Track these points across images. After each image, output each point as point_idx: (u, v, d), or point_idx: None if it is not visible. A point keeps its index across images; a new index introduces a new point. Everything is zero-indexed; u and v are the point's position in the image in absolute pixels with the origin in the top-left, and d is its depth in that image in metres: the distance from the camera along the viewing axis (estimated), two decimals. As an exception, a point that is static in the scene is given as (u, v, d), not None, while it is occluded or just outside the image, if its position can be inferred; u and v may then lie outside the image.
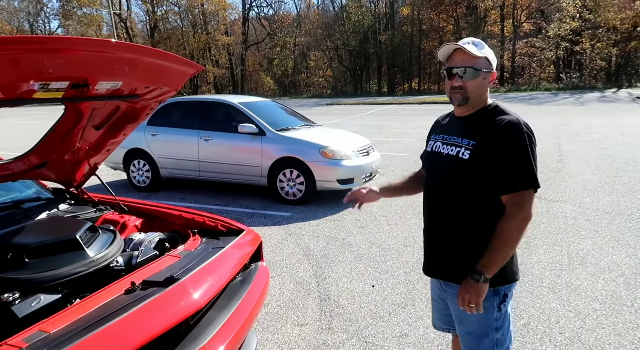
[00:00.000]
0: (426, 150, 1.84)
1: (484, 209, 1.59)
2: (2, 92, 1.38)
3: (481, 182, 1.57)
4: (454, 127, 1.72)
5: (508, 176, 1.51)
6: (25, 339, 1.38)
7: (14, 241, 1.75)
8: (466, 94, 1.59)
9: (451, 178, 1.65)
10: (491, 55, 1.60)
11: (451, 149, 1.65)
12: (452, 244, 1.68)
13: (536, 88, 29.49)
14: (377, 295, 3.34)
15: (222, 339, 1.80)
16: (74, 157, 2.30)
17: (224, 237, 2.37)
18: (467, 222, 1.63)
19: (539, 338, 2.68)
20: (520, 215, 1.50)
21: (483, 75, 1.59)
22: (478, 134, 1.58)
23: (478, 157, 1.55)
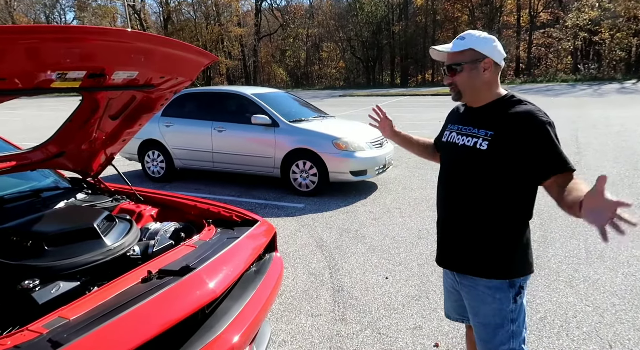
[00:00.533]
0: (441, 141, 1.82)
1: (500, 200, 1.57)
2: (21, 81, 1.39)
3: (499, 173, 1.54)
4: (469, 117, 1.69)
5: (549, 161, 1.46)
6: (45, 325, 1.40)
7: (34, 229, 1.78)
8: (457, 88, 1.63)
9: (468, 169, 1.63)
10: (479, 44, 1.56)
11: (467, 140, 1.63)
12: (467, 236, 1.66)
13: (553, 79, 28.94)
14: (391, 287, 3.33)
15: (237, 328, 1.81)
16: (90, 146, 2.32)
17: (239, 228, 2.38)
18: (483, 213, 1.61)
19: (556, 332, 2.64)
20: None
21: (469, 67, 1.58)
22: (496, 124, 1.55)
23: (497, 147, 1.53)
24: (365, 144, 5.76)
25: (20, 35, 1.25)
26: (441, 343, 2.60)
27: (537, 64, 36.11)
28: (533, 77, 31.13)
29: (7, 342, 1.31)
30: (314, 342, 2.67)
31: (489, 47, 1.56)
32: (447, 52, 1.62)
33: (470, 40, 1.57)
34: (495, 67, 1.58)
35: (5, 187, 2.34)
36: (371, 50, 40.19)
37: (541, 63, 36.29)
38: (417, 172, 6.94)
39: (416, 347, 2.58)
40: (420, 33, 38.92)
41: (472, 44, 1.57)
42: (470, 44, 1.57)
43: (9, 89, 1.38)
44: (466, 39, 1.58)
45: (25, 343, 1.30)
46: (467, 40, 1.58)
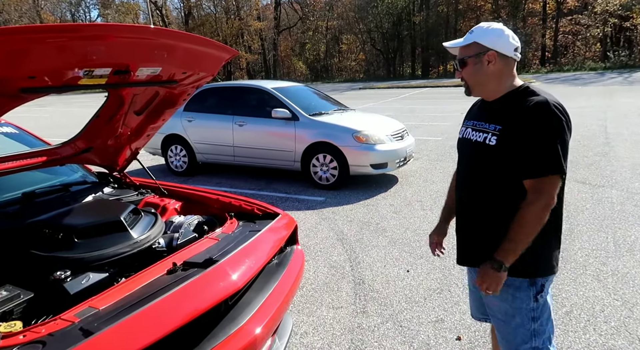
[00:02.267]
0: (458, 138, 1.79)
1: (511, 196, 1.53)
2: (50, 79, 1.43)
3: (509, 169, 1.50)
4: (483, 112, 1.67)
5: (531, 160, 1.44)
6: (77, 314, 1.46)
7: (64, 222, 1.84)
8: (467, 83, 1.62)
9: (479, 165, 1.61)
10: (483, 37, 1.54)
11: (479, 135, 1.60)
12: (481, 231, 1.65)
13: (580, 68, 28.00)
14: (412, 280, 3.32)
15: (260, 320, 1.84)
16: (116, 142, 2.38)
17: (260, 221, 2.41)
18: (496, 209, 1.58)
19: (582, 326, 2.59)
20: (540, 203, 1.43)
21: (473, 60, 1.56)
22: (504, 118, 1.52)
23: (505, 142, 1.49)
24: (385, 137, 5.72)
25: (48, 34, 1.29)
26: (464, 337, 2.58)
27: (564, 52, 34.96)
28: (559, 65, 30.19)
29: (42, 330, 1.37)
30: (336, 334, 2.69)
31: (493, 38, 1.53)
32: (455, 47, 1.61)
33: (476, 33, 1.55)
34: (501, 59, 1.53)
35: (37, 182, 2.43)
36: (391, 42, 39.64)
37: (568, 51, 35.11)
38: (439, 164, 6.86)
39: (438, 340, 2.57)
40: (442, 23, 38.14)
41: (476, 37, 1.55)
42: (475, 37, 1.55)
43: (38, 87, 1.42)
44: (474, 32, 1.57)
45: (58, 331, 1.36)
46: (474, 33, 1.56)
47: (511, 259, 1.47)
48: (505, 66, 1.55)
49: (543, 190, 1.42)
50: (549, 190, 1.43)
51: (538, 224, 1.43)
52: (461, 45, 1.58)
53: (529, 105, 1.45)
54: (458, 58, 1.61)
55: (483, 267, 1.52)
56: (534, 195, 1.44)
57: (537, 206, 1.42)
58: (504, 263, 1.46)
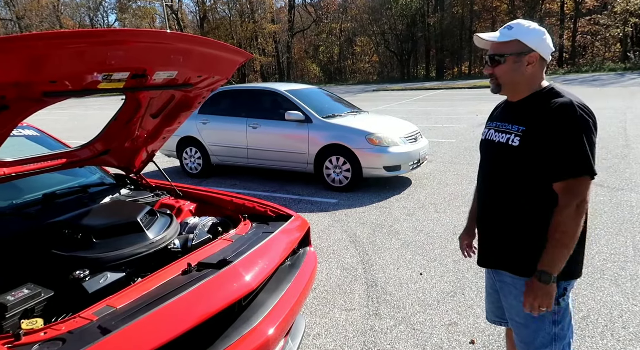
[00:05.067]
0: (481, 139, 1.78)
1: (534, 197, 1.52)
2: (70, 83, 1.47)
3: (532, 170, 1.49)
4: (506, 113, 1.65)
5: (559, 162, 1.41)
6: (95, 312, 1.49)
7: (83, 223, 1.89)
8: (497, 81, 1.57)
9: (501, 166, 1.59)
10: (526, 36, 1.49)
11: (502, 136, 1.59)
12: (502, 233, 1.63)
13: (599, 68, 27.47)
14: (425, 283, 3.30)
15: (273, 321, 1.85)
16: (133, 144, 2.43)
17: (273, 222, 2.43)
18: (518, 210, 1.56)
19: (600, 332, 2.55)
20: (574, 203, 1.40)
21: (513, 59, 1.51)
22: (528, 119, 1.50)
23: (528, 143, 1.47)
24: (399, 139, 5.71)
25: (68, 40, 1.33)
26: (477, 340, 2.56)
27: (582, 52, 34.38)
28: (577, 66, 29.67)
29: (62, 327, 1.40)
30: (348, 336, 2.69)
31: (537, 39, 1.50)
32: (492, 41, 1.55)
33: (517, 31, 1.50)
34: (540, 62, 1.52)
35: (57, 183, 2.49)
36: (405, 44, 39.49)
37: (586, 52, 34.50)
38: (453, 167, 6.81)
39: (451, 343, 2.55)
40: (457, 24, 37.85)
41: (519, 34, 1.50)
42: (517, 35, 1.50)
43: (59, 91, 1.47)
44: (514, 28, 1.51)
45: (77, 329, 1.40)
46: (515, 30, 1.51)
47: (558, 267, 1.42)
48: (540, 69, 1.53)
49: (575, 192, 1.40)
50: (581, 191, 1.40)
51: (576, 226, 1.41)
52: (500, 40, 1.53)
53: (554, 106, 1.43)
54: (492, 53, 1.55)
55: (530, 284, 1.47)
56: (566, 198, 1.41)
57: (571, 209, 1.40)
58: (552, 273, 1.42)
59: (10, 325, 1.44)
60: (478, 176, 1.81)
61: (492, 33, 1.59)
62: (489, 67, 1.59)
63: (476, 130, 9.85)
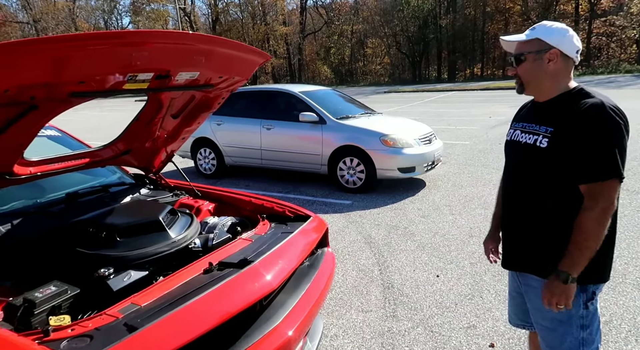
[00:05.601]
0: (506, 140, 1.76)
1: (562, 198, 1.50)
2: (97, 84, 1.49)
3: (559, 171, 1.47)
4: (533, 114, 1.64)
5: (587, 164, 1.39)
6: (120, 310, 1.51)
7: (107, 222, 1.91)
8: (520, 80, 1.58)
9: (528, 168, 1.58)
10: (547, 34, 1.50)
11: (529, 138, 1.57)
12: (529, 235, 1.61)
13: (615, 70, 27.07)
14: (442, 285, 3.27)
15: (293, 321, 1.85)
16: (153, 144, 2.46)
17: (292, 223, 2.43)
18: (545, 212, 1.54)
19: (624, 337, 2.50)
20: (599, 207, 1.38)
21: (533, 57, 1.52)
22: (557, 120, 1.48)
23: (557, 144, 1.46)
24: (413, 141, 5.68)
25: (97, 41, 1.35)
26: (497, 343, 2.53)
27: (597, 54, 33.89)
28: (592, 68, 29.26)
29: (89, 324, 1.42)
30: (365, 337, 2.68)
31: (558, 37, 1.49)
32: (515, 41, 1.57)
33: (539, 30, 1.52)
34: (563, 59, 1.50)
35: (78, 183, 2.53)
36: (417, 45, 39.36)
37: (602, 53, 34.02)
38: (467, 169, 6.75)
39: (471, 346, 2.53)
40: (469, 26, 37.64)
41: (539, 33, 1.51)
42: (538, 34, 1.51)
43: (87, 91, 1.49)
44: (536, 29, 1.53)
45: (104, 326, 1.41)
46: (537, 30, 1.53)
47: (578, 269, 1.41)
48: (565, 67, 1.51)
49: (601, 195, 1.38)
50: (608, 194, 1.38)
51: (600, 230, 1.39)
52: (522, 40, 1.55)
53: (584, 107, 1.41)
54: (515, 53, 1.58)
55: (548, 281, 1.47)
56: (592, 201, 1.40)
57: (596, 212, 1.38)
58: (571, 274, 1.41)
59: (38, 322, 1.46)
60: (503, 178, 1.79)
61: (517, 35, 1.60)
62: (512, 68, 1.61)
63: (490, 133, 9.77)
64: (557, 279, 1.43)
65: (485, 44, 38.17)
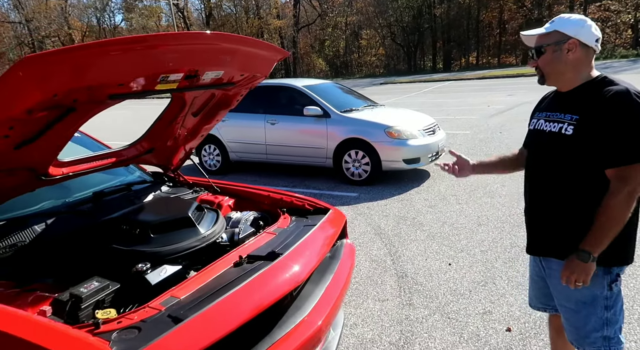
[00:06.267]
0: (529, 129, 1.82)
1: (587, 185, 1.56)
2: (135, 85, 1.54)
3: (585, 157, 1.53)
4: (556, 103, 1.69)
5: (614, 149, 1.45)
6: (162, 303, 1.56)
7: (140, 219, 1.96)
8: (541, 72, 1.64)
9: (554, 155, 1.63)
10: (565, 25, 1.56)
11: (553, 126, 1.63)
12: (554, 221, 1.67)
13: (610, 56, 27.10)
14: (455, 273, 3.35)
15: (322, 311, 1.91)
16: (175, 143, 2.50)
17: (312, 216, 2.49)
18: (570, 198, 1.60)
19: (636, 318, 2.59)
20: (626, 190, 1.45)
21: (552, 48, 1.58)
22: (582, 108, 1.54)
23: (582, 131, 1.52)
24: (417, 132, 5.74)
25: (139, 44, 1.39)
26: (513, 328, 2.61)
27: (592, 40, 33.84)
28: (588, 54, 29.23)
29: (134, 316, 1.48)
30: (384, 325, 2.76)
31: (576, 27, 1.55)
32: (534, 35, 1.63)
33: (558, 23, 1.58)
34: (583, 49, 1.56)
35: (100, 182, 2.58)
36: (412, 36, 39.23)
37: (596, 39, 33.96)
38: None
39: (488, 331, 2.61)
40: (464, 14, 37.51)
41: (558, 25, 1.57)
42: (556, 26, 1.57)
43: (124, 93, 1.54)
44: (555, 21, 1.60)
45: (149, 318, 1.47)
46: (556, 22, 1.59)
47: (599, 249, 1.49)
48: (585, 56, 1.57)
49: (628, 179, 1.44)
50: (635, 178, 1.44)
51: (625, 212, 1.46)
52: (542, 33, 1.60)
53: (609, 95, 1.47)
54: (535, 46, 1.64)
55: (570, 259, 1.55)
56: (619, 184, 1.46)
57: (623, 195, 1.45)
58: (592, 253, 1.49)
59: (85, 316, 1.52)
60: (525, 165, 1.84)
61: (536, 29, 1.66)
62: (533, 60, 1.66)
63: (489, 121, 9.83)
64: (578, 258, 1.51)
65: (479, 33, 38.13)
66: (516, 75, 22.06)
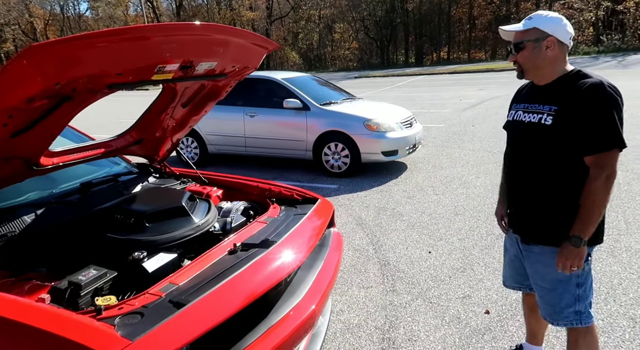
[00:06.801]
0: (507, 120, 1.91)
1: (567, 172, 1.66)
2: (133, 75, 1.54)
3: (565, 146, 1.63)
4: (534, 95, 1.79)
5: (592, 137, 1.56)
6: (161, 289, 1.59)
7: (134, 208, 1.97)
8: (520, 67, 1.73)
9: (534, 144, 1.73)
10: (544, 23, 1.65)
11: (532, 117, 1.73)
12: (536, 208, 1.76)
13: (574, 52, 28.08)
14: (435, 260, 3.48)
15: (314, 296, 1.97)
16: (163, 133, 2.50)
17: (301, 205, 2.54)
18: (551, 186, 1.71)
19: (603, 298, 2.77)
20: (604, 175, 1.56)
21: (532, 45, 1.67)
22: (560, 99, 1.64)
23: (561, 121, 1.62)
24: (395, 125, 5.86)
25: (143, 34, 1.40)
26: (492, 310, 2.75)
27: (557, 37, 35.01)
28: (553, 51, 30.23)
29: (135, 302, 1.50)
30: (370, 311, 2.85)
31: (553, 25, 1.65)
32: (513, 31, 1.72)
33: (536, 20, 1.66)
34: (559, 46, 1.66)
35: (87, 173, 2.55)
36: (385, 30, 39.57)
37: (561, 36, 35.14)
38: (445, 151, 7.01)
39: (468, 314, 2.74)
40: (435, 10, 38.16)
41: (536, 22, 1.66)
42: (535, 23, 1.66)
43: (122, 82, 1.54)
44: (533, 18, 1.68)
45: (150, 304, 1.50)
46: (534, 19, 1.67)
47: (589, 233, 1.60)
48: (561, 52, 1.67)
49: (605, 164, 1.56)
50: (611, 163, 1.56)
51: (606, 196, 1.58)
52: (520, 30, 1.69)
53: (585, 86, 1.58)
54: (514, 42, 1.72)
55: (563, 246, 1.65)
56: (598, 170, 1.57)
57: (602, 180, 1.56)
58: (583, 238, 1.60)
59: (84, 303, 1.53)
60: (506, 155, 1.95)
61: (515, 25, 1.75)
62: (512, 55, 1.74)
63: (462, 115, 10.09)
64: (571, 244, 1.62)
65: (450, 28, 38.85)
66: (486, 70, 22.67)
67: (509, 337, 2.49)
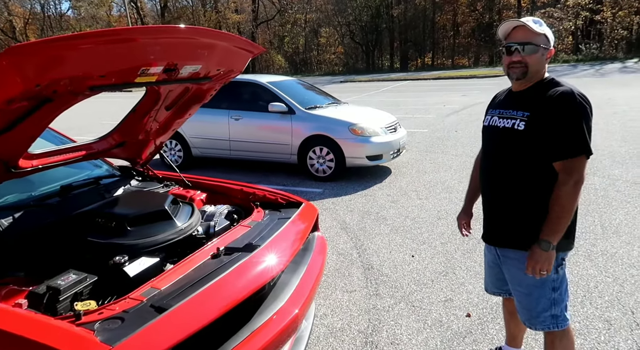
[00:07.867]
0: (483, 125, 1.95)
1: (539, 177, 1.70)
2: (116, 78, 1.53)
3: (536, 152, 1.67)
4: (509, 101, 1.83)
5: (561, 144, 1.61)
6: (142, 294, 1.58)
7: (115, 212, 1.94)
8: (526, 68, 1.69)
9: (507, 149, 1.76)
10: (550, 34, 1.71)
11: (507, 122, 1.76)
12: (510, 212, 1.81)
13: (554, 60, 28.76)
14: (418, 264, 3.51)
15: (298, 300, 1.98)
16: (146, 136, 2.47)
17: (285, 209, 2.55)
18: (524, 190, 1.75)
19: (580, 301, 2.84)
20: (572, 181, 1.60)
21: (542, 51, 1.69)
22: (532, 105, 1.68)
23: (532, 127, 1.66)
24: (380, 129, 5.90)
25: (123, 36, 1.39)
26: (473, 313, 2.79)
27: (538, 45, 35.81)
28: (533, 58, 30.91)
29: (116, 307, 1.48)
30: (353, 315, 2.86)
31: (552, 37, 1.71)
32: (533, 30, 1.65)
33: (545, 27, 1.69)
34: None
35: (67, 176, 2.50)
36: (370, 35, 39.89)
37: (541, 44, 35.96)
38: (429, 155, 7.10)
39: (449, 317, 2.77)
40: (420, 16, 38.63)
41: (546, 30, 1.69)
42: (545, 30, 1.68)
43: (104, 85, 1.52)
44: (542, 25, 1.69)
45: (131, 309, 1.48)
46: (543, 26, 1.69)
47: (557, 237, 1.63)
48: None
49: (573, 170, 1.60)
50: (579, 169, 1.61)
51: (574, 201, 1.62)
52: (536, 30, 1.65)
53: (556, 94, 1.62)
54: (526, 41, 1.66)
55: (532, 250, 1.68)
56: (566, 175, 1.61)
57: (570, 185, 1.60)
58: (552, 242, 1.63)
59: (63, 308, 1.51)
60: (481, 160, 1.98)
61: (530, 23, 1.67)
62: (518, 54, 1.67)
63: (445, 121, 10.23)
64: (540, 248, 1.65)
65: (435, 34, 39.37)
66: (469, 77, 23.04)
67: (490, 340, 2.53)
